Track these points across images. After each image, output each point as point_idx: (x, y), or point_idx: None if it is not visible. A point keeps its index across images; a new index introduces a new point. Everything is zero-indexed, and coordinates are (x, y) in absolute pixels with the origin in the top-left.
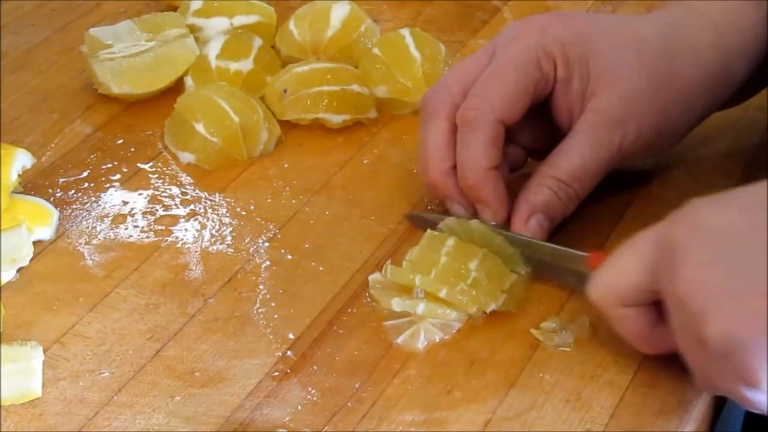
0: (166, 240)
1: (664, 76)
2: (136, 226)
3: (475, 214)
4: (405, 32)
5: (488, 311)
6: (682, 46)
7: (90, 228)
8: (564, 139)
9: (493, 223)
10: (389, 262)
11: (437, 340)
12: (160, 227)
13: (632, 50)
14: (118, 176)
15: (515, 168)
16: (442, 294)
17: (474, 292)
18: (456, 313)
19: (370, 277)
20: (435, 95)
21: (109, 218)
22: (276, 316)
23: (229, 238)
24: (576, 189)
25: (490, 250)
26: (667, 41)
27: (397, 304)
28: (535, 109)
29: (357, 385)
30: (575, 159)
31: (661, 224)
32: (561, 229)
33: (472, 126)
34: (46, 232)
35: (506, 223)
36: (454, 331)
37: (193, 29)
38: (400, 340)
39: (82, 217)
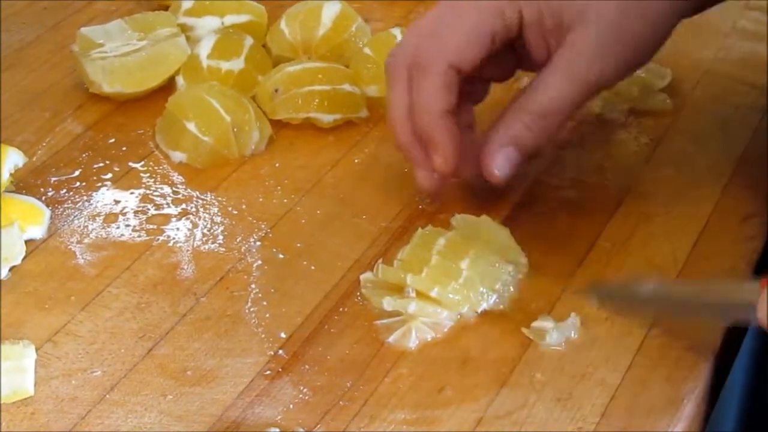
0: (158, 239)
1: (636, 12)
2: (127, 225)
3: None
4: (396, 32)
5: (479, 311)
6: None
7: (82, 227)
8: (540, 73)
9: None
10: (381, 261)
11: (429, 339)
12: (151, 226)
13: None
14: (109, 175)
15: (477, 101)
16: (433, 293)
17: (465, 292)
18: (447, 312)
19: (362, 276)
20: (394, 58)
21: (101, 217)
22: (268, 315)
23: (221, 237)
24: (550, 122)
25: (493, 245)
26: None
27: (388, 303)
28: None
29: (349, 384)
30: (552, 92)
31: None
32: (551, 230)
33: (423, 71)
34: (37, 231)
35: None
36: (446, 330)
37: (184, 28)
38: (391, 339)
39: (74, 216)
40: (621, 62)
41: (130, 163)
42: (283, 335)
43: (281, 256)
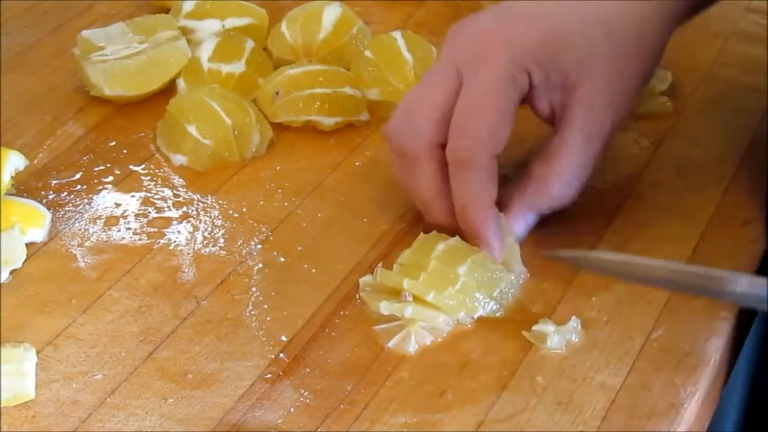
0: (159, 242)
1: (634, 51)
2: (128, 228)
3: None
4: (397, 34)
5: (476, 317)
6: (645, 13)
7: (83, 230)
8: (558, 135)
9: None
10: (380, 264)
11: (428, 343)
12: (152, 229)
13: (601, 34)
14: (110, 178)
15: None
16: (430, 298)
17: (461, 297)
18: (444, 316)
19: (361, 280)
20: (407, 137)
21: (102, 220)
22: (269, 318)
23: (222, 240)
24: (576, 186)
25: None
26: (629, 12)
27: (385, 307)
28: None
29: (349, 388)
30: (572, 155)
31: None
32: (551, 234)
33: (466, 166)
34: (38, 234)
35: None
36: (446, 334)
37: (185, 31)
38: (391, 343)
39: (75, 219)
40: (628, 105)
41: (131, 166)
42: (284, 338)
43: (282, 259)
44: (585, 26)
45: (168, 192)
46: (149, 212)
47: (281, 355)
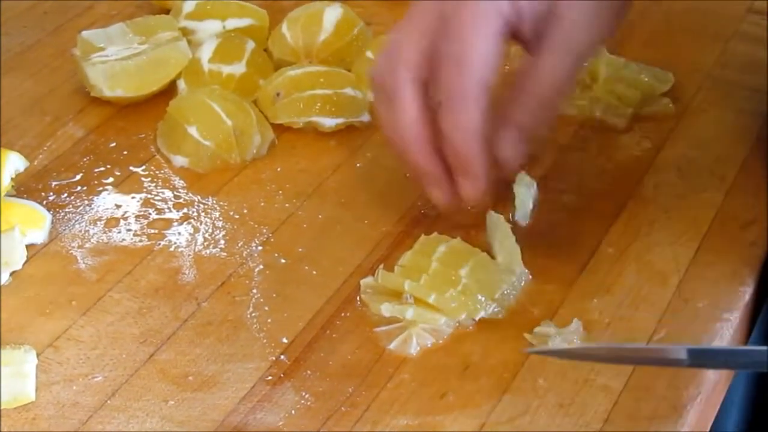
0: (159, 244)
1: None
2: (129, 230)
3: (453, 196)
4: None
5: (477, 318)
6: None
7: (83, 231)
8: (540, 52)
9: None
10: (381, 266)
11: (429, 345)
12: (153, 231)
13: None
14: (110, 179)
15: None
16: (431, 300)
17: (463, 299)
18: (445, 318)
19: (362, 282)
20: (393, 72)
21: (102, 222)
22: (269, 320)
23: (222, 241)
24: (554, 102)
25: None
26: None
27: (386, 309)
28: None
29: (351, 390)
30: (556, 71)
31: None
32: (553, 235)
33: (459, 97)
34: (38, 236)
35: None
36: (447, 336)
37: (185, 32)
38: (392, 345)
39: (75, 221)
40: (605, 29)
41: (132, 168)
42: (284, 340)
43: (283, 260)
44: None
45: (168, 193)
46: (150, 214)
47: (282, 357)
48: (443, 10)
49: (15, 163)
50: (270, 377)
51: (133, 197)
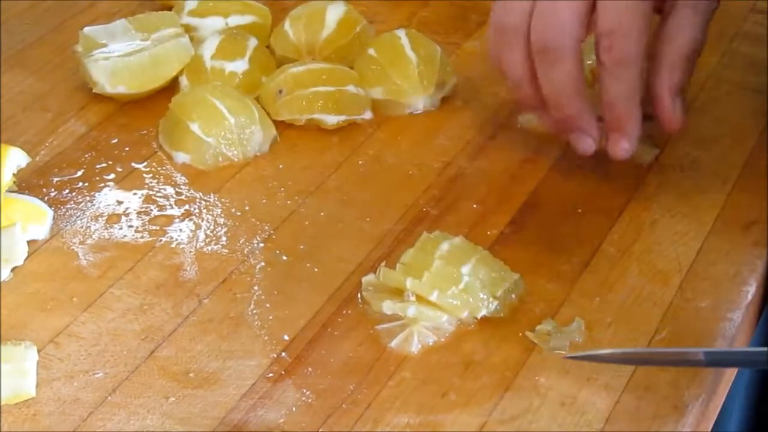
0: (161, 240)
1: None
2: (130, 226)
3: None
4: (401, 33)
5: (479, 316)
6: None
7: (84, 227)
8: (669, 19)
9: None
10: (383, 264)
11: (431, 343)
12: (154, 227)
13: None
14: (112, 176)
15: None
16: (433, 297)
17: (465, 297)
18: (447, 316)
19: (364, 279)
20: (554, 31)
21: (104, 218)
22: (271, 318)
23: (224, 238)
24: (694, 60)
25: None
26: None
27: (387, 306)
28: None
29: (352, 387)
30: (690, 32)
31: None
32: (556, 234)
33: (560, 50)
34: (40, 232)
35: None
36: (449, 335)
37: (188, 29)
38: (393, 343)
39: (77, 217)
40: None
41: (133, 164)
42: (286, 338)
43: (284, 258)
44: None
45: (170, 190)
46: (151, 210)
47: (283, 354)
48: None
49: (17, 159)
50: (271, 374)
51: (134, 194)
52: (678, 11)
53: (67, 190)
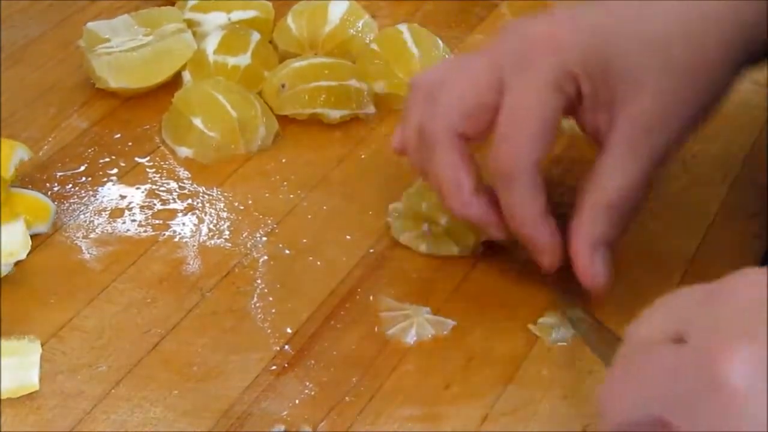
0: (164, 234)
1: (692, 67)
2: (133, 221)
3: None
4: (403, 27)
5: (483, 240)
6: (705, 31)
7: (87, 222)
8: (603, 156)
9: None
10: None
11: (429, 337)
12: (157, 221)
13: (657, 47)
14: (115, 170)
15: None
16: (443, 222)
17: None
18: (457, 248)
19: (390, 206)
20: (434, 125)
21: (107, 212)
22: (274, 311)
23: (227, 232)
24: (628, 208)
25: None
26: (690, 27)
27: (405, 238)
28: None
29: (355, 380)
30: (621, 179)
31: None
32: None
33: (509, 176)
34: (43, 226)
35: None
36: (451, 327)
37: (190, 24)
38: (390, 332)
39: (80, 211)
40: (683, 126)
41: (136, 159)
42: (289, 331)
43: (287, 251)
44: (641, 45)
45: (173, 184)
46: (154, 204)
47: (286, 347)
48: (503, 74)
49: (20, 154)
50: (274, 367)
51: (137, 188)
52: (612, 149)
53: (70, 185)
